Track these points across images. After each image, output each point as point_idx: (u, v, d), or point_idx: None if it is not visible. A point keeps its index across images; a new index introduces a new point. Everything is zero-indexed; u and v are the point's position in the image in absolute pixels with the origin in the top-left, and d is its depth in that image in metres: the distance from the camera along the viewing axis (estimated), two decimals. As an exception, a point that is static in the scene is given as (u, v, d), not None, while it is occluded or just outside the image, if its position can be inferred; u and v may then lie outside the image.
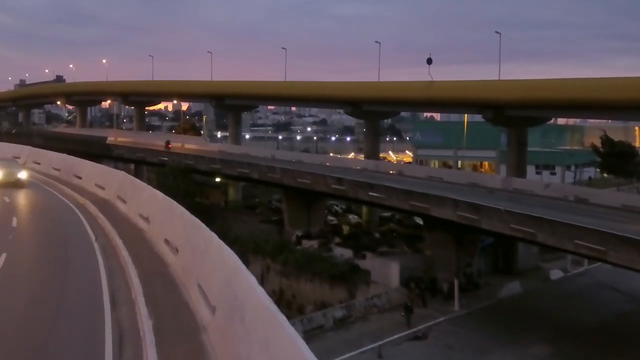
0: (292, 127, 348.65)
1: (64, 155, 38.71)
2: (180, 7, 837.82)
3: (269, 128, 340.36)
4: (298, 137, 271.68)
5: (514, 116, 56.83)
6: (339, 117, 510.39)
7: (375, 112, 70.92)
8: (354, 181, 52.91)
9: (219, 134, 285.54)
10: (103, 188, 29.54)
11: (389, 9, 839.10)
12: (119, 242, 19.23)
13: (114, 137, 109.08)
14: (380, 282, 49.93)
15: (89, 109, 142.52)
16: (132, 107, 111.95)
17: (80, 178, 33.99)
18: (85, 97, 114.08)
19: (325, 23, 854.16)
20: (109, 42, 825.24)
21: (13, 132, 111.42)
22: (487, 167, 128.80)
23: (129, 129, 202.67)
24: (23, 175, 33.94)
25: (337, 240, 62.12)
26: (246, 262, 59.91)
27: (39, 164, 42.44)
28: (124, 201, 25.05)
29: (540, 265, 61.74)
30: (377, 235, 68.04)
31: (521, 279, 56.49)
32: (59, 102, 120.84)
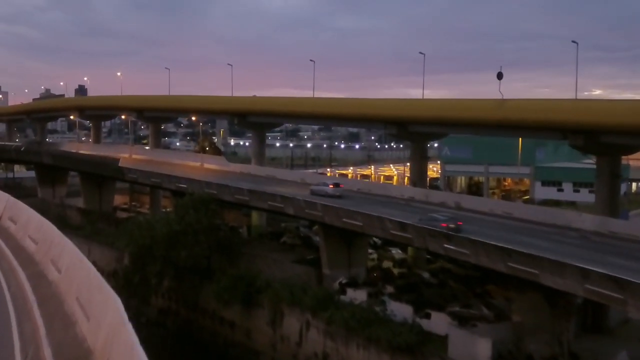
0: (299, 133, 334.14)
1: (45, 222, 24.36)
2: (193, 20, 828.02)
3: (277, 133, 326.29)
4: (309, 145, 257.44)
5: (611, 143, 42.40)
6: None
7: (424, 133, 56.48)
8: (424, 229, 38.40)
9: (232, 142, 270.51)
10: (88, 318, 15.16)
11: (385, 21, 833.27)
12: None
13: (128, 154, 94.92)
14: (461, 360, 35.63)
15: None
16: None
17: (59, 272, 19.59)
18: (99, 111, 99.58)
19: (326, 35, 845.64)
20: (127, 54, 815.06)
21: (22, 149, 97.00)
22: (509, 182, 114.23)
23: (146, 135, 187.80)
24: None
25: (389, 289, 47.65)
26: (281, 315, 45.63)
27: (15, 223, 28.15)
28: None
29: (629, 317, 47.73)
30: (425, 274, 53.78)
31: (618, 340, 42.79)
32: (72, 117, 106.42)
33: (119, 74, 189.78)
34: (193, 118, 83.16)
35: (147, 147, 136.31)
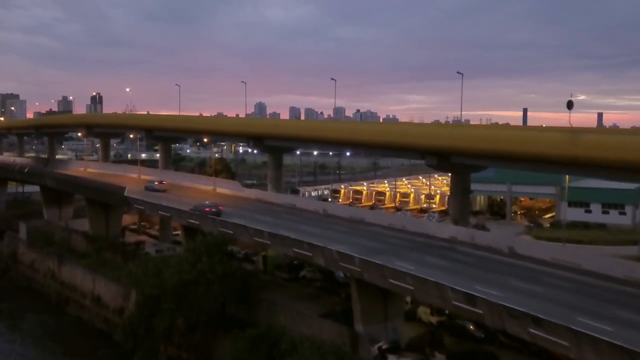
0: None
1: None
2: (201, 30, 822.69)
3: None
4: (315, 152, 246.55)
5: None
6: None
7: (469, 165, 46.37)
8: (500, 306, 28.24)
9: (240, 149, 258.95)
10: None
11: (382, 32, 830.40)
12: None
13: (137, 174, 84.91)
14: None
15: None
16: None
17: None
18: (107, 129, 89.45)
19: (327, 45, 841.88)
20: (140, 63, 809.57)
21: (25, 170, 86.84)
22: (526, 201, 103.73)
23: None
24: None
25: (439, 356, 37.51)
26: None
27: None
28: None
29: None
30: (469, 324, 43.60)
31: None
32: (79, 134, 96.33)
33: (128, 89, 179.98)
34: (206, 139, 72.96)
35: (157, 154, 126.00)
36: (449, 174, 55.54)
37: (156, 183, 69.15)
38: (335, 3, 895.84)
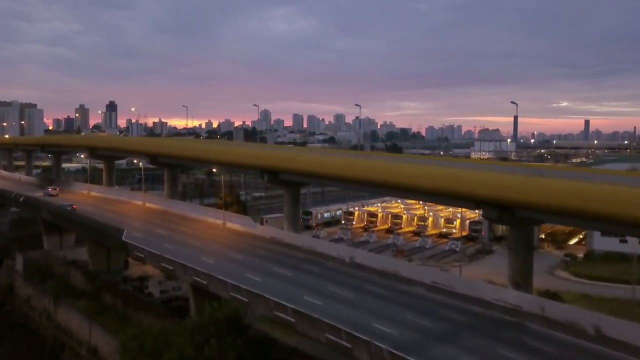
0: (308, 145, 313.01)
1: None
2: (209, 42, 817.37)
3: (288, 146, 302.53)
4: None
5: None
6: (347, 134, 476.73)
7: (536, 220, 35.01)
8: None
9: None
10: None
11: (378, 43, 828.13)
12: None
13: (141, 202, 73.60)
14: None
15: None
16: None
17: None
18: (110, 152, 78.07)
19: (327, 56, 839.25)
20: (152, 72, 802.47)
21: (21, 200, 75.42)
22: (545, 227, 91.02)
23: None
24: None
25: None
26: None
27: None
28: None
29: None
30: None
31: None
32: (82, 155, 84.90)
33: (133, 109, 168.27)
34: (215, 169, 61.56)
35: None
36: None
37: (50, 189, 77.78)
38: (335, 17, 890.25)
